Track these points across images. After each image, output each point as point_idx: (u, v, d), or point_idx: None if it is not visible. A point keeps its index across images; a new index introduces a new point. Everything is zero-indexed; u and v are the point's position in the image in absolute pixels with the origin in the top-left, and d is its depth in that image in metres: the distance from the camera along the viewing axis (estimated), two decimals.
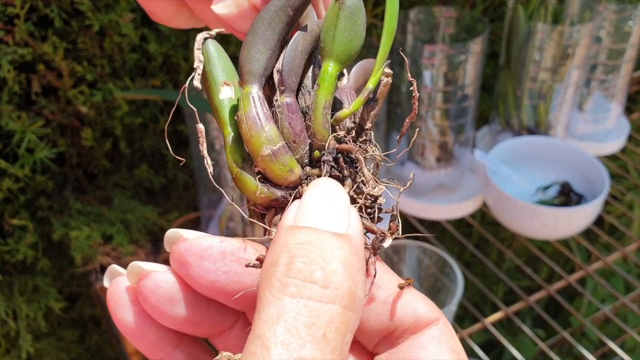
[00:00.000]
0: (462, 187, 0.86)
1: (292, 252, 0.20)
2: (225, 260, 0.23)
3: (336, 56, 0.25)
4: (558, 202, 0.81)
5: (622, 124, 0.96)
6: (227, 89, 0.25)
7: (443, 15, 0.81)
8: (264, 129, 0.24)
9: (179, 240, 0.23)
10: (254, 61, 0.24)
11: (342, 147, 0.25)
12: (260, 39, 0.25)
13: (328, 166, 0.24)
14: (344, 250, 0.20)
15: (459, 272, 0.72)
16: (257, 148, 0.24)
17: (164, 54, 0.75)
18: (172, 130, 0.80)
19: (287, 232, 0.21)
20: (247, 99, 0.24)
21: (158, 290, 0.23)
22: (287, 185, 0.24)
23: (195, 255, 0.23)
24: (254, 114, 0.24)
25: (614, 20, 0.87)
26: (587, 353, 0.74)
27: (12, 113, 0.68)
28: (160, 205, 0.83)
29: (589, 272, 0.83)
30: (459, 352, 0.23)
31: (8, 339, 0.79)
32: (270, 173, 0.24)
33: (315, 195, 0.22)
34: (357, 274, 0.21)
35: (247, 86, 0.24)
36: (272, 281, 0.20)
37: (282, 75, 0.25)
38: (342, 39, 0.25)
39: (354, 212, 0.22)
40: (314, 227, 0.21)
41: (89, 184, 0.80)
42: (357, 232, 0.22)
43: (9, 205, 0.73)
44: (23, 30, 0.66)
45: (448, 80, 0.77)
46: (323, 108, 0.24)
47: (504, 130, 0.90)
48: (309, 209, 0.22)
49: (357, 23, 0.25)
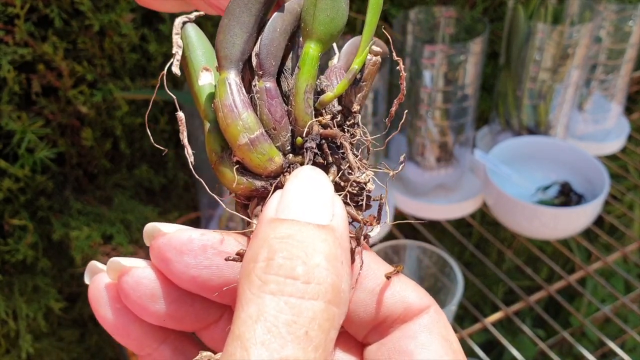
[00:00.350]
0: (462, 187, 0.86)
1: (272, 246, 0.19)
2: (206, 254, 0.22)
3: (317, 36, 0.23)
4: (558, 202, 0.81)
5: (622, 124, 0.96)
6: (206, 75, 0.24)
7: (443, 15, 0.81)
8: (241, 117, 0.23)
9: (157, 234, 0.22)
10: (230, 45, 0.23)
11: (325, 133, 0.23)
12: (236, 21, 0.23)
13: (311, 153, 0.23)
14: (327, 243, 0.20)
15: (459, 272, 0.72)
16: (234, 137, 0.23)
17: (164, 54, 0.75)
18: (172, 130, 0.81)
19: (268, 225, 0.20)
20: (223, 85, 0.23)
21: (139, 286, 0.22)
22: (267, 174, 0.23)
23: (175, 250, 0.22)
24: (230, 101, 0.23)
25: (614, 20, 0.87)
26: (587, 353, 0.74)
27: (12, 113, 0.69)
28: (160, 205, 0.83)
29: (589, 272, 0.83)
30: (450, 341, 0.22)
31: (8, 339, 0.79)
32: (249, 162, 0.23)
33: (296, 184, 0.21)
34: (341, 267, 0.20)
35: (224, 72, 0.23)
36: (252, 278, 0.19)
37: (260, 58, 0.23)
38: (323, 17, 0.23)
39: (338, 201, 0.21)
40: (295, 220, 0.20)
41: (89, 184, 0.80)
42: (342, 222, 0.21)
43: (9, 205, 0.73)
44: (23, 30, 0.66)
45: (448, 80, 0.77)
46: (304, 92, 0.23)
47: (504, 130, 0.90)
48: (291, 200, 0.21)
49: (338, 0, 0.23)
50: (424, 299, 0.23)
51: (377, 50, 0.24)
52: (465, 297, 0.79)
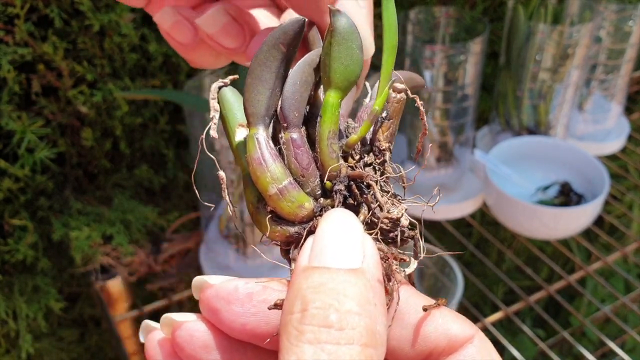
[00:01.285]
0: (462, 187, 0.86)
1: (305, 297, 0.20)
2: (252, 302, 0.23)
3: (335, 85, 0.24)
4: (558, 202, 0.82)
5: (622, 124, 0.96)
6: (242, 131, 0.26)
7: (443, 15, 0.81)
8: (269, 169, 0.24)
9: (205, 286, 0.23)
10: (254, 103, 0.25)
11: (352, 174, 0.24)
12: (258, 80, 0.25)
13: (341, 196, 0.24)
14: (357, 287, 0.20)
15: (458, 272, 0.72)
16: (265, 188, 0.24)
17: (164, 54, 0.75)
18: (172, 130, 0.80)
19: (301, 274, 0.21)
20: (252, 141, 0.24)
21: (192, 339, 0.23)
22: (299, 220, 0.24)
23: (223, 300, 0.23)
24: (258, 155, 0.24)
25: (614, 20, 0.87)
26: (587, 353, 0.74)
27: (12, 113, 0.68)
28: (160, 205, 0.83)
29: (589, 272, 0.83)
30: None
31: (8, 339, 0.79)
32: (280, 211, 0.24)
33: (326, 229, 0.22)
34: (375, 309, 0.20)
35: (252, 128, 0.25)
36: (289, 329, 0.20)
37: (283, 111, 0.25)
38: (338, 66, 0.24)
39: (368, 242, 0.22)
40: (326, 267, 0.21)
41: (89, 184, 0.80)
42: (373, 263, 0.21)
43: (9, 205, 0.73)
44: (23, 30, 0.66)
45: (448, 80, 0.77)
46: (327, 139, 0.24)
47: (504, 130, 0.90)
48: (322, 246, 0.21)
49: (351, 47, 0.24)
50: (467, 329, 0.23)
51: (401, 87, 0.25)
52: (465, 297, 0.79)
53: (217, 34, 0.31)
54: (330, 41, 0.24)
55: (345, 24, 0.24)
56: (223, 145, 0.66)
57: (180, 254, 0.82)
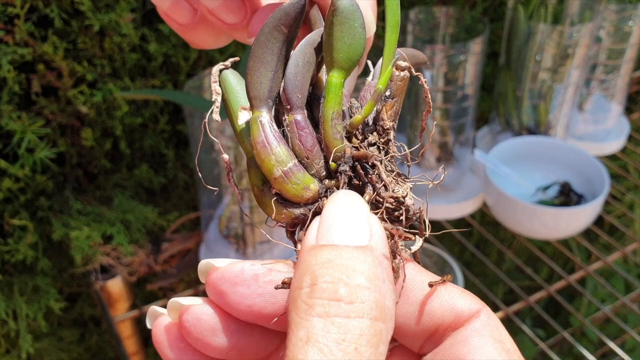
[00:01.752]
0: (462, 187, 0.86)
1: (314, 272, 0.20)
2: (258, 283, 0.23)
3: (338, 65, 0.24)
4: (558, 202, 0.82)
5: (622, 124, 0.96)
6: (245, 114, 0.26)
7: (443, 15, 0.81)
8: (273, 152, 0.24)
9: (211, 270, 0.23)
10: (257, 85, 0.24)
11: (356, 154, 0.24)
12: (260, 62, 0.25)
13: (345, 176, 0.24)
14: (366, 263, 0.20)
15: (459, 272, 0.72)
16: (269, 171, 0.24)
17: (164, 54, 0.75)
18: (172, 130, 0.80)
19: (309, 252, 0.21)
20: (255, 124, 0.24)
21: (199, 323, 0.23)
22: (305, 202, 0.24)
23: (229, 282, 0.23)
24: (262, 138, 0.24)
25: (614, 20, 0.87)
26: (587, 353, 0.74)
27: (12, 113, 0.68)
28: (160, 205, 0.83)
29: (589, 272, 0.83)
30: (503, 341, 0.22)
31: (8, 339, 0.79)
32: (285, 193, 0.24)
33: (333, 210, 0.22)
34: (383, 284, 0.20)
35: (255, 111, 0.25)
36: (298, 304, 0.20)
37: (286, 93, 0.24)
38: (341, 45, 0.24)
39: (375, 221, 0.22)
40: (334, 244, 0.21)
41: (89, 184, 0.80)
42: (380, 241, 0.22)
43: (9, 205, 0.73)
44: (23, 30, 0.66)
45: (448, 80, 0.77)
46: (331, 119, 0.24)
47: (504, 130, 0.90)
48: (328, 226, 0.22)
49: (353, 26, 0.24)
50: (473, 304, 0.23)
51: (404, 65, 0.25)
52: None
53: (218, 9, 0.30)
54: (332, 20, 0.24)
55: (347, 3, 0.24)
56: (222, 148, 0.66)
57: (180, 254, 0.82)
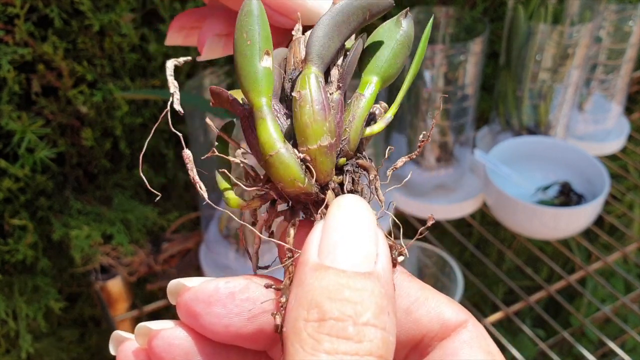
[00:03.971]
0: (462, 187, 0.86)
1: (322, 306, 0.19)
2: (235, 302, 0.21)
3: (382, 74, 0.24)
4: (558, 202, 0.81)
5: (622, 124, 0.96)
6: (267, 59, 0.23)
7: (443, 15, 0.81)
8: (328, 119, 0.22)
9: (182, 290, 0.22)
10: (325, 46, 0.23)
11: (362, 163, 0.24)
12: (337, 29, 0.23)
13: (350, 176, 0.23)
14: (374, 296, 0.20)
15: (458, 272, 0.72)
16: (318, 135, 0.22)
17: (164, 54, 0.75)
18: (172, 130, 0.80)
19: (312, 274, 0.20)
20: (314, 79, 0.22)
21: (171, 348, 0.22)
22: (322, 182, 0.23)
23: (203, 302, 0.21)
24: (322, 98, 0.22)
25: (614, 20, 0.87)
26: (587, 353, 0.74)
27: (12, 113, 0.68)
28: (160, 205, 0.83)
29: (589, 272, 0.83)
30: (492, 353, 0.22)
31: (8, 339, 0.79)
32: (319, 165, 0.22)
33: (339, 219, 0.21)
34: (388, 318, 0.20)
35: (313, 68, 0.23)
36: (304, 337, 0.19)
37: (344, 72, 0.24)
38: (393, 61, 0.24)
39: (381, 237, 0.21)
40: (341, 270, 0.20)
41: (89, 184, 0.80)
42: (386, 264, 0.21)
43: (9, 205, 0.73)
44: (23, 30, 0.66)
45: (448, 80, 0.77)
46: (363, 120, 0.24)
47: (504, 130, 0.90)
48: (334, 241, 0.20)
49: (405, 53, 0.25)
50: (460, 314, 0.22)
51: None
52: (465, 297, 0.79)
53: None
54: (397, 37, 0.24)
55: (411, 29, 0.25)
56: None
57: (180, 253, 0.82)
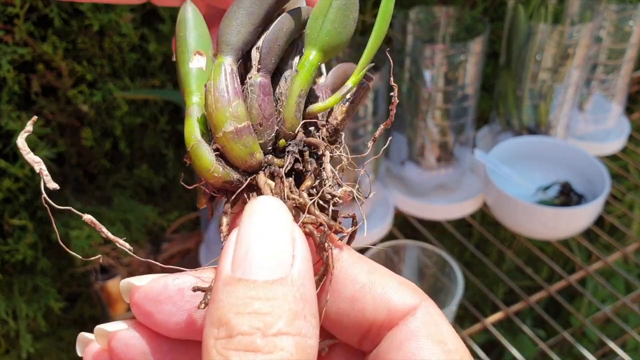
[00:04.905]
0: (462, 187, 0.86)
1: (229, 321, 0.18)
2: (184, 298, 0.21)
3: (321, 45, 0.23)
4: (558, 202, 0.81)
5: (622, 123, 0.96)
6: (199, 59, 0.24)
7: (443, 14, 0.80)
8: (231, 104, 0.22)
9: (132, 290, 0.22)
10: (234, 33, 0.23)
11: (309, 140, 0.23)
12: (245, 11, 0.23)
13: (292, 157, 0.23)
14: (286, 302, 0.19)
15: (459, 273, 0.72)
16: (221, 122, 0.22)
17: (164, 54, 0.75)
18: (172, 130, 0.80)
19: (223, 288, 0.19)
20: (218, 69, 0.22)
21: (128, 348, 0.22)
22: (245, 168, 0.23)
23: (153, 300, 0.21)
24: (223, 85, 0.22)
25: (615, 20, 0.87)
26: (588, 353, 0.74)
27: (11, 113, 0.68)
28: (160, 205, 0.83)
29: (589, 272, 0.83)
30: (444, 342, 0.20)
31: (8, 338, 0.79)
32: (229, 152, 0.22)
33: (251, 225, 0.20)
34: (305, 322, 0.19)
35: (222, 57, 0.23)
36: (213, 355, 0.18)
37: (262, 53, 0.23)
38: (331, 29, 0.23)
39: (298, 236, 0.20)
40: (251, 280, 0.19)
41: (89, 184, 0.80)
42: (303, 264, 0.19)
43: (8, 205, 0.73)
44: (23, 30, 0.66)
45: (448, 80, 0.76)
46: (298, 96, 0.23)
47: (504, 130, 0.90)
48: (245, 249, 0.19)
49: (348, 16, 0.24)
50: (409, 299, 0.21)
51: (370, 76, 0.25)
52: (466, 297, 0.79)
53: None
54: (332, 3, 0.23)
55: None
56: None
57: (180, 254, 0.82)
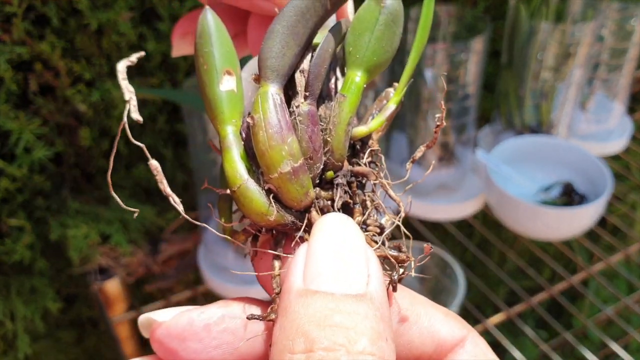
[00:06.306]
0: (464, 187, 0.85)
1: (308, 334, 0.17)
2: (212, 334, 0.20)
3: (367, 66, 0.21)
4: (560, 202, 0.81)
5: (624, 123, 0.96)
6: (229, 80, 0.21)
7: (444, 13, 0.80)
8: (287, 141, 0.20)
9: (154, 326, 0.20)
10: (280, 56, 0.20)
11: (358, 170, 0.22)
12: (290, 31, 0.20)
13: (342, 190, 0.21)
14: (368, 320, 0.17)
15: (460, 274, 0.71)
16: (277, 162, 0.20)
17: (163, 53, 0.74)
18: (171, 130, 0.80)
19: (297, 300, 0.18)
20: (267, 100, 0.20)
21: None
22: (298, 208, 0.21)
23: (177, 338, 0.20)
24: (275, 120, 0.20)
25: (617, 19, 0.86)
26: (590, 355, 0.74)
27: (9, 112, 0.68)
28: (158, 204, 0.83)
29: (591, 273, 0.83)
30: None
31: (5, 340, 0.78)
32: (285, 194, 0.20)
33: (325, 241, 0.19)
34: (387, 345, 0.18)
35: (267, 84, 0.20)
36: None
37: (309, 78, 0.21)
38: (378, 47, 0.21)
39: (372, 256, 0.19)
40: (329, 292, 0.18)
41: (87, 184, 0.80)
42: (379, 284, 0.18)
43: (6, 206, 0.72)
44: (20, 29, 0.66)
45: (449, 79, 0.76)
46: (347, 124, 0.21)
47: (506, 129, 0.90)
48: (320, 263, 0.18)
49: (394, 32, 0.22)
50: (457, 331, 0.21)
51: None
52: (467, 298, 0.78)
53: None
54: (378, 18, 0.21)
55: (398, 5, 0.21)
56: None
57: (178, 254, 0.81)
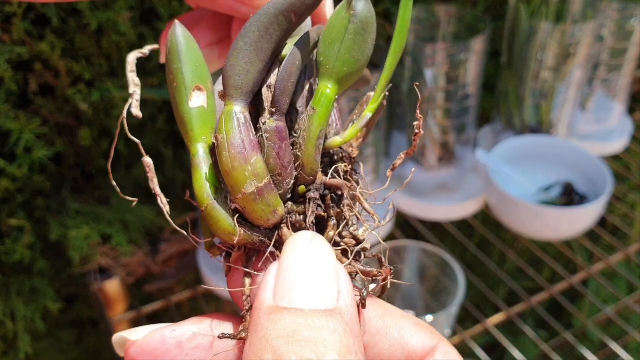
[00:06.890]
0: (464, 188, 0.85)
1: (277, 350, 0.17)
2: (184, 351, 0.20)
3: (337, 77, 0.21)
4: (560, 202, 0.81)
5: (625, 123, 0.96)
6: (199, 96, 0.21)
7: (444, 13, 0.80)
8: (250, 162, 0.20)
9: (127, 345, 0.20)
10: (243, 73, 0.20)
11: (331, 183, 0.21)
12: (253, 47, 0.20)
13: (315, 205, 0.21)
14: (337, 334, 0.17)
15: (460, 273, 0.71)
16: (240, 183, 0.20)
17: None
18: (171, 130, 0.80)
19: (267, 317, 0.18)
20: (230, 120, 0.20)
21: None
22: (267, 227, 0.21)
23: (150, 356, 0.20)
24: (239, 141, 0.20)
25: (617, 19, 0.86)
26: (590, 354, 0.74)
27: (9, 112, 0.68)
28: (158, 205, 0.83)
29: (591, 273, 0.83)
30: None
31: (6, 340, 0.78)
32: (251, 214, 0.20)
33: (294, 258, 0.19)
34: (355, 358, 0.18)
35: (232, 103, 0.20)
36: None
37: (276, 94, 0.20)
38: (348, 57, 0.21)
39: (343, 273, 0.19)
40: (298, 308, 0.18)
41: (87, 184, 0.80)
42: (349, 300, 0.19)
43: (6, 206, 0.72)
44: (20, 29, 0.66)
45: (449, 79, 0.76)
46: (318, 138, 0.21)
47: (506, 129, 0.90)
48: (290, 281, 0.18)
49: (366, 40, 0.21)
50: (427, 341, 0.20)
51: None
52: (467, 298, 0.78)
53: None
54: (348, 27, 0.20)
55: (367, 12, 0.21)
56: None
57: (178, 254, 0.81)
